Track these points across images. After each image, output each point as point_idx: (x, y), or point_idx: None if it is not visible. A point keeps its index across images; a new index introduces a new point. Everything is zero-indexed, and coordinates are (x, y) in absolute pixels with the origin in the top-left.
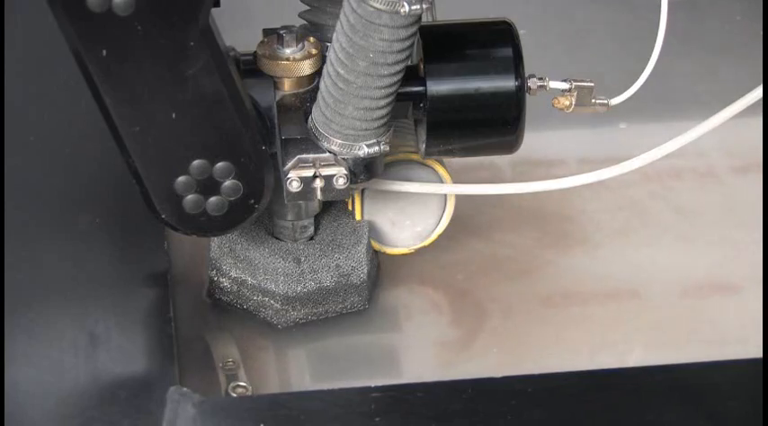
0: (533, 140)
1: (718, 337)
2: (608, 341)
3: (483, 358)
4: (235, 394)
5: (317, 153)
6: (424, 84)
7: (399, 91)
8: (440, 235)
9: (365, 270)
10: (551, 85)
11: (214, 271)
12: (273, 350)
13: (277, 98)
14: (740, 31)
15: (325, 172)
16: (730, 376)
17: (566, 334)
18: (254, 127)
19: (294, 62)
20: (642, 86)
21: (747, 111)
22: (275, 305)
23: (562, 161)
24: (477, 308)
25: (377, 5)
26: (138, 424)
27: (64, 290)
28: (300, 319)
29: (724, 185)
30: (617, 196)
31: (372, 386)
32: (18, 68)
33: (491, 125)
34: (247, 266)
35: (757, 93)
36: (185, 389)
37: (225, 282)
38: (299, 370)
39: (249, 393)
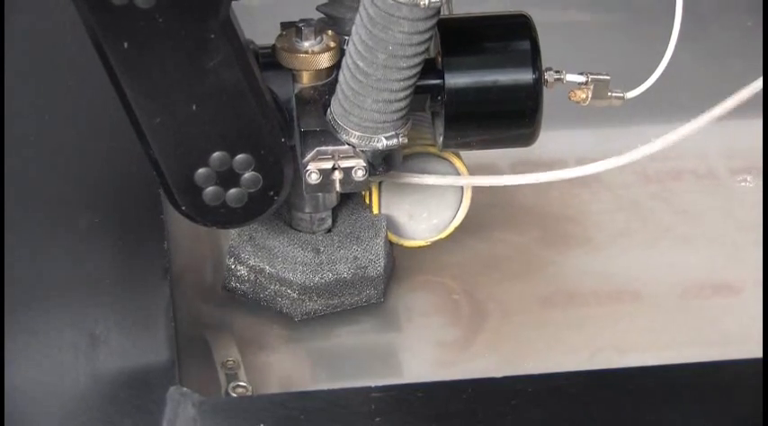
0: None
1: (718, 337)
2: (608, 342)
3: (483, 358)
4: (235, 394)
5: (336, 145)
6: (442, 77)
7: (417, 83)
8: (456, 228)
9: (382, 264)
10: (568, 78)
11: (232, 259)
12: (273, 350)
13: (296, 91)
14: (747, 35)
15: (344, 164)
16: (730, 376)
17: (566, 335)
18: (274, 119)
19: (313, 55)
20: (649, 85)
21: (747, 113)
22: (292, 294)
23: (562, 161)
24: (477, 308)
25: None
26: (138, 424)
27: (64, 290)
28: (316, 310)
29: (724, 186)
30: (617, 197)
31: (372, 385)
32: (18, 68)
33: (508, 118)
34: (266, 255)
35: (756, 85)
36: (185, 389)
37: (242, 271)
38: (299, 370)
39: (249, 393)
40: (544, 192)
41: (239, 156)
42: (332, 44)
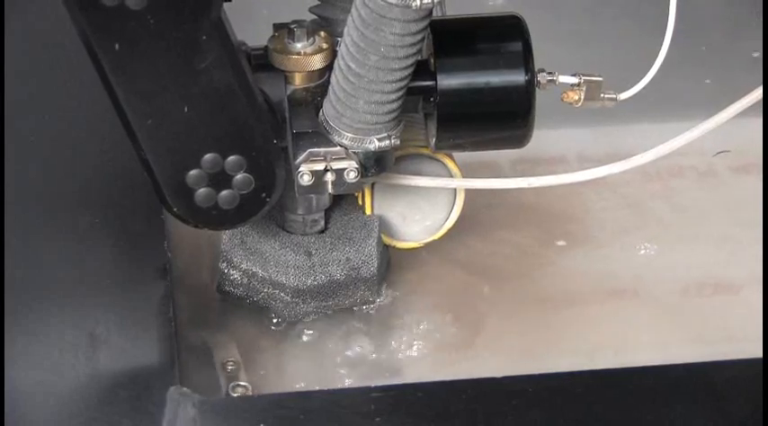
0: (533, 138)
1: (718, 337)
2: (608, 341)
3: (483, 358)
4: (235, 394)
5: (328, 146)
6: (435, 79)
7: (410, 85)
8: (449, 230)
9: (375, 264)
10: (561, 80)
11: (225, 263)
12: (273, 350)
13: (288, 92)
14: (745, 35)
15: (337, 165)
16: (730, 376)
17: (566, 334)
18: (266, 120)
19: (305, 56)
20: (642, 86)
21: (747, 111)
22: (285, 297)
23: (562, 159)
24: (478, 308)
25: None
26: (138, 424)
27: (64, 290)
28: (310, 313)
29: (724, 184)
30: (618, 195)
31: (372, 386)
32: (18, 68)
33: (501, 119)
34: (258, 258)
35: (756, 94)
36: (185, 389)
37: (235, 274)
38: (299, 370)
39: (249, 393)
40: (545, 190)
41: (231, 158)
42: (324, 45)
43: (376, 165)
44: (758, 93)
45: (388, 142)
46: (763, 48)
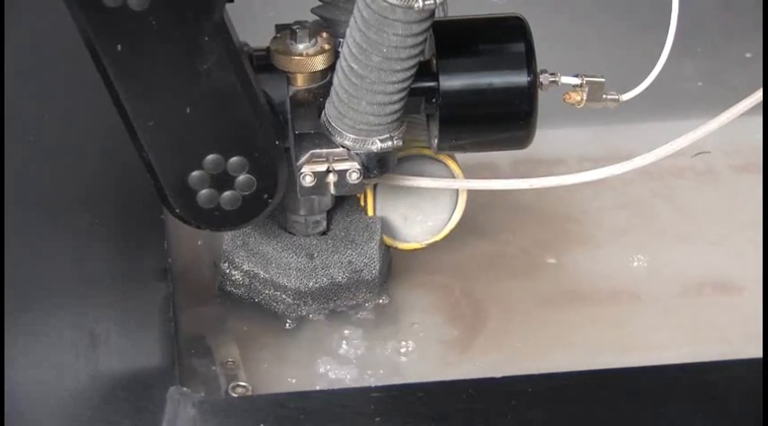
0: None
1: (718, 337)
2: (608, 341)
3: (483, 358)
4: (235, 395)
5: (331, 147)
6: (437, 80)
7: (412, 86)
8: (451, 231)
9: (377, 267)
10: (563, 81)
11: (226, 264)
12: (273, 350)
13: (290, 93)
14: (744, 31)
15: (339, 166)
16: (730, 376)
17: (566, 334)
18: (268, 122)
19: (307, 57)
20: (645, 87)
21: (747, 111)
22: (287, 299)
23: (562, 159)
24: (478, 308)
25: (391, 0)
26: (138, 424)
27: (64, 290)
28: (312, 314)
29: (724, 184)
30: (618, 195)
31: (372, 386)
32: (18, 68)
33: (503, 120)
34: (260, 260)
35: (757, 96)
36: (185, 389)
37: (237, 275)
38: (299, 370)
39: (249, 393)
40: (544, 190)
41: (233, 159)
42: (326, 46)
43: (378, 166)
44: (758, 95)
45: (390, 143)
46: (764, 48)
